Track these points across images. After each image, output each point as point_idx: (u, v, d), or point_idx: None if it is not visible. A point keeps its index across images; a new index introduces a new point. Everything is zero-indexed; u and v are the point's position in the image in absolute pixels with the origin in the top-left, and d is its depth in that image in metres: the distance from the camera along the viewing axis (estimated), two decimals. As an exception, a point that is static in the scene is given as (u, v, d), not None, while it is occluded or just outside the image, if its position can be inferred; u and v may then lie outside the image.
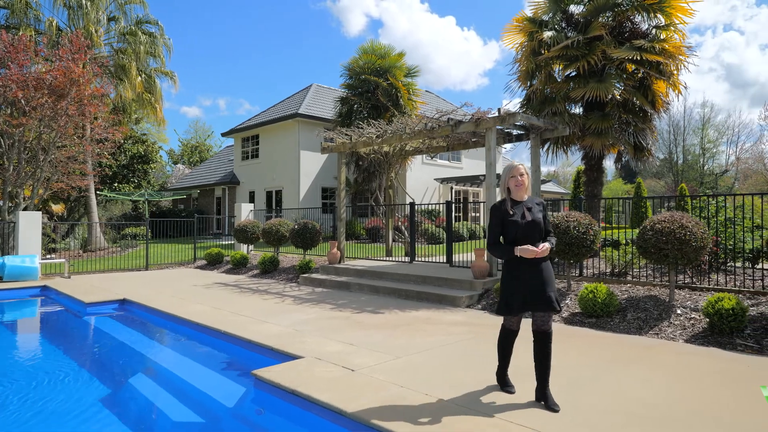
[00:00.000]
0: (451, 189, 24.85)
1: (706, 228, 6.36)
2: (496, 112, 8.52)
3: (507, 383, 3.87)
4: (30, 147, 13.64)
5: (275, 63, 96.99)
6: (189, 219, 18.08)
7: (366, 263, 11.08)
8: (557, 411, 3.44)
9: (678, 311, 6.11)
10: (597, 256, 9.16)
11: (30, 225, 11.55)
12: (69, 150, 14.56)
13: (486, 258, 8.42)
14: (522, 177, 3.65)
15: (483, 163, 24.32)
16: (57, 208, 22.41)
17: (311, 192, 22.51)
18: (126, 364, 5.74)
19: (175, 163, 47.70)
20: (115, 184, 28.62)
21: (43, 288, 10.24)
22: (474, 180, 24.25)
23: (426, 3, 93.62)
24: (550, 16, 10.91)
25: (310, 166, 22.50)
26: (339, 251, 11.15)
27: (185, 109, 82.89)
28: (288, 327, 6.19)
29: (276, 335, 5.72)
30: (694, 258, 6.23)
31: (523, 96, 11.34)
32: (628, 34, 10.36)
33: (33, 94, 12.52)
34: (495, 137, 8.60)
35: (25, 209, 13.38)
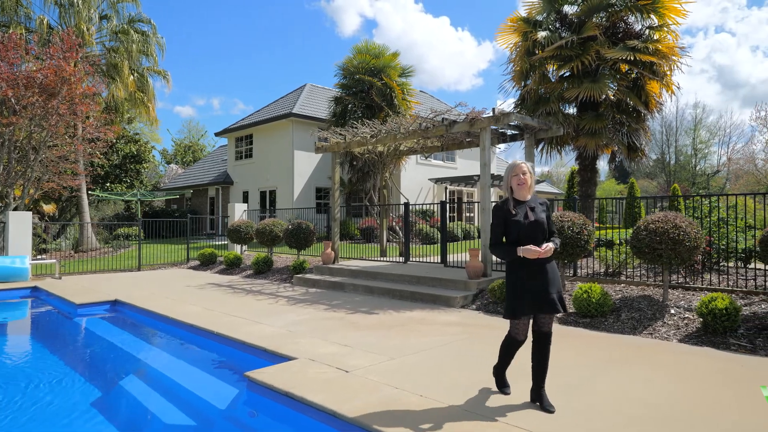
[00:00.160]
0: (446, 189, 24.86)
1: (699, 228, 6.38)
2: (490, 112, 8.51)
3: (504, 383, 3.83)
4: (20, 146, 13.49)
5: (269, 63, 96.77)
6: (182, 219, 17.97)
7: (360, 263, 11.05)
8: (552, 412, 3.42)
9: (672, 311, 6.13)
10: (591, 256, 9.18)
11: (20, 225, 11.41)
12: (60, 149, 14.42)
13: (480, 258, 8.41)
14: (525, 176, 3.53)
15: (477, 163, 24.36)
16: (48, 208, 22.20)
17: (305, 192, 22.44)
18: (117, 366, 5.67)
19: (168, 163, 47.41)
20: (108, 184, 28.41)
21: (34, 289, 10.12)
22: (468, 180, 24.27)
23: (420, 3, 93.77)
24: (544, 16, 10.92)
25: (304, 166, 22.42)
26: (333, 251, 11.11)
27: (179, 109, 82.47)
28: (282, 328, 6.14)
29: (269, 336, 5.68)
30: (687, 258, 6.25)
31: (518, 96, 11.35)
32: (621, 34, 10.38)
33: (23, 92, 12.38)
34: (489, 137, 8.60)
35: (16, 209, 13.23)
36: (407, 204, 11.19)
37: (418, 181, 23.72)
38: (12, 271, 10.54)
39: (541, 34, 10.35)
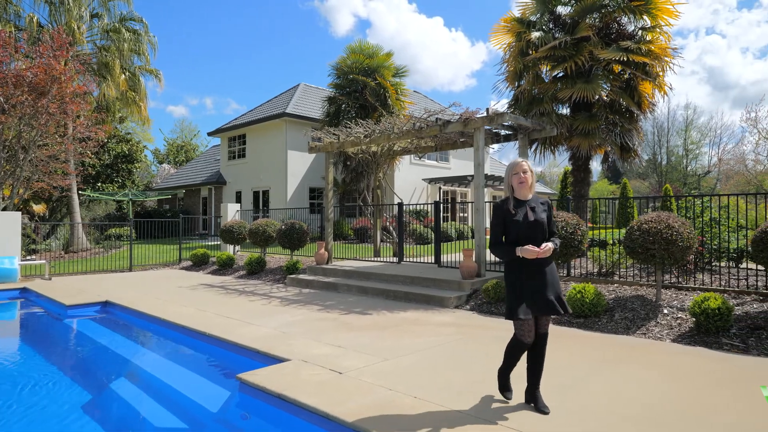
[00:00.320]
0: (440, 189, 24.87)
1: (692, 228, 6.40)
2: (484, 112, 8.50)
3: (507, 387, 3.68)
4: (9, 146, 13.32)
5: (263, 62, 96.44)
6: (174, 219, 17.83)
7: (354, 264, 11.01)
8: (547, 413, 3.40)
9: (665, 311, 6.14)
10: (584, 256, 9.20)
11: (9, 225, 11.26)
12: (50, 149, 14.26)
13: (474, 258, 8.40)
14: (525, 174, 3.49)
15: (471, 164, 24.40)
16: (38, 208, 21.97)
17: (299, 192, 22.36)
18: (107, 368, 5.59)
19: (161, 163, 47.10)
20: (99, 183, 28.16)
21: (23, 290, 9.99)
22: (462, 180, 24.29)
23: (414, 3, 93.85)
24: (537, 16, 10.94)
25: (297, 166, 22.34)
26: (327, 252, 11.06)
27: (171, 108, 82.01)
28: (275, 329, 6.09)
29: (262, 337, 5.63)
30: (680, 258, 6.26)
31: (511, 96, 11.37)
32: (614, 35, 10.43)
33: (12, 91, 12.22)
34: (483, 137, 8.59)
35: (5, 209, 13.07)
36: (401, 204, 11.16)
37: (411, 181, 23.70)
38: (1, 272, 10.39)
39: (535, 34, 10.37)
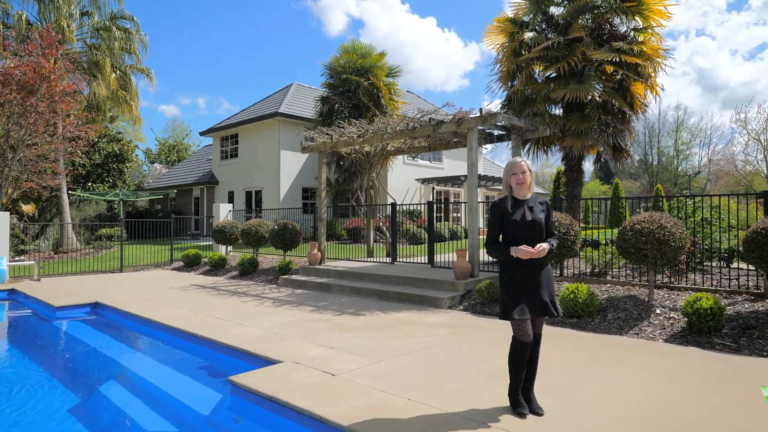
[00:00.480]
0: (433, 189, 24.88)
1: (684, 228, 6.43)
2: (477, 112, 8.50)
3: (519, 404, 3.43)
4: (-3, 145, 13.15)
5: (255, 62, 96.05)
6: (166, 219, 17.68)
7: (347, 264, 10.96)
8: (541, 415, 3.38)
9: (657, 311, 6.16)
10: (577, 256, 9.22)
11: (-3, 226, 11.09)
12: (39, 148, 14.08)
13: (468, 259, 8.39)
14: (524, 174, 3.45)
15: (464, 164, 24.41)
16: (27, 208, 21.71)
17: (291, 192, 22.27)
18: (97, 371, 5.52)
19: (152, 163, 46.77)
20: (89, 183, 27.88)
21: (11, 291, 9.85)
22: (455, 180, 24.31)
23: (407, 4, 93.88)
24: (530, 17, 10.96)
25: (290, 166, 22.25)
26: (319, 252, 11.01)
27: (163, 108, 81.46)
28: (267, 330, 6.04)
29: (254, 339, 5.58)
30: (672, 258, 6.29)
31: (504, 97, 11.38)
32: (607, 36, 10.46)
33: (0, 90, 12.05)
34: (476, 137, 8.58)
35: (-7, 209, 12.88)
36: (394, 204, 11.14)
37: (405, 182, 23.69)
38: (-12, 273, 10.25)
39: (528, 35, 10.39)
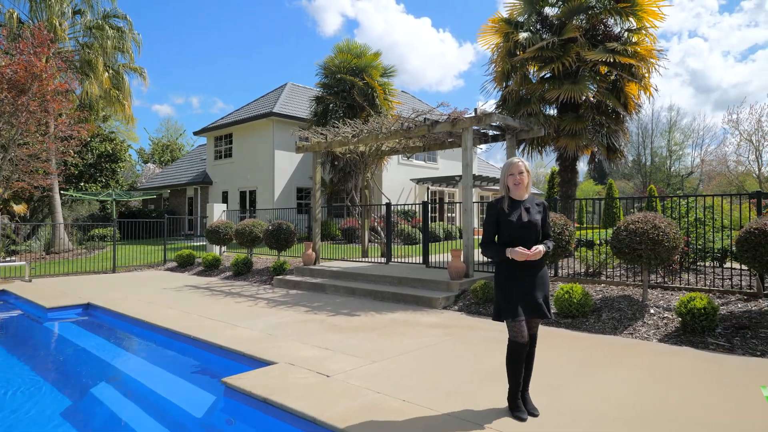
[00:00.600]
0: (428, 189, 24.88)
1: (677, 228, 6.45)
2: (472, 112, 8.49)
3: (518, 408, 3.39)
4: (-12, 144, 13.00)
5: (250, 61, 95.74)
6: (159, 219, 17.56)
7: (342, 264, 10.93)
8: (537, 416, 3.37)
9: (651, 311, 6.18)
10: (571, 256, 9.23)
11: (-12, 226, 10.98)
12: (31, 148, 13.93)
13: (462, 259, 8.38)
14: (521, 175, 3.44)
15: (459, 164, 24.42)
16: (19, 208, 21.51)
17: (286, 192, 22.20)
18: (89, 373, 5.46)
19: (146, 163, 46.48)
20: (82, 183, 27.66)
21: (2, 292, 9.74)
22: (450, 180, 24.33)
23: (402, 4, 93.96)
24: (525, 17, 10.97)
25: (284, 165, 22.17)
26: (314, 252, 10.97)
27: (157, 107, 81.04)
28: (261, 331, 6.00)
29: (248, 340, 5.54)
30: (666, 258, 6.31)
31: (499, 97, 11.38)
32: (601, 36, 10.49)
33: (-9, 88, 11.93)
34: (471, 138, 8.58)
35: (-17, 210, 12.74)
36: (389, 204, 11.12)
37: (399, 182, 23.67)
38: (-21, 274, 10.13)
39: (523, 35, 10.39)
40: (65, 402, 4.53)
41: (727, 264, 8.15)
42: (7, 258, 14.35)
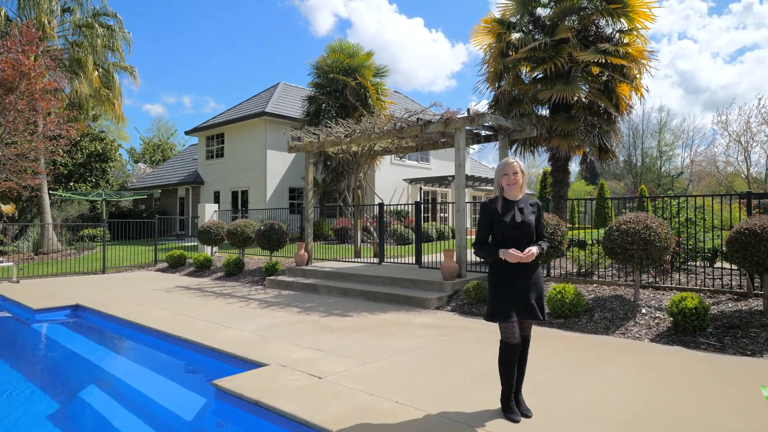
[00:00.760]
0: (420, 189, 24.88)
1: (669, 228, 6.48)
2: (465, 112, 8.49)
3: (511, 409, 3.37)
4: (-25, 143, 12.82)
5: (241, 61, 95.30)
6: (150, 220, 17.41)
7: (334, 265, 10.89)
8: (530, 417, 3.36)
9: (643, 311, 6.20)
10: (564, 256, 9.26)
11: (-26, 227, 10.82)
12: (19, 147, 13.77)
13: (455, 259, 8.37)
14: (515, 175, 3.41)
15: (452, 164, 24.47)
16: (7, 208, 21.20)
17: (278, 192, 22.10)
18: (77, 375, 5.38)
19: (136, 162, 46.11)
20: (71, 183, 27.36)
21: (-11, 294, 9.59)
22: (442, 180, 24.34)
23: (394, 4, 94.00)
24: (517, 18, 11.00)
25: (277, 165, 22.07)
26: (306, 253, 10.92)
27: (148, 107, 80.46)
28: (253, 333, 5.95)
29: (240, 342, 5.49)
30: (658, 258, 6.34)
31: (491, 97, 11.41)
32: (593, 37, 10.54)
33: (-22, 87, 11.77)
34: (464, 138, 8.57)
35: (-30, 210, 12.56)
36: (381, 204, 11.09)
37: (392, 182, 23.65)
38: (-35, 275, 9.98)
39: (515, 35, 10.41)
40: (52, 405, 4.46)
41: (718, 264, 8.21)
42: (-5, 259, 14.15)
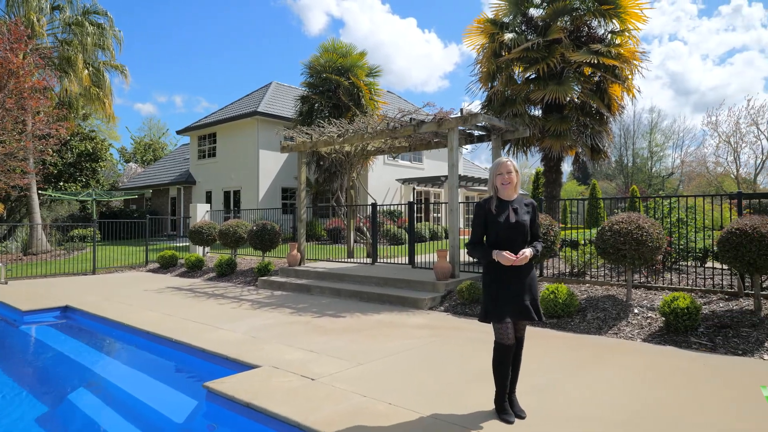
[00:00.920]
0: (413, 190, 24.88)
1: (661, 228, 6.51)
2: (458, 112, 8.48)
3: (505, 410, 3.35)
4: (-38, 143, 12.65)
5: (234, 60, 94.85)
6: (141, 220, 17.25)
7: (327, 265, 10.85)
8: (524, 418, 3.35)
9: (635, 310, 6.22)
10: (556, 256, 9.28)
11: (-39, 227, 10.66)
12: (7, 146, 13.58)
13: (448, 259, 8.36)
14: (510, 175, 3.39)
15: (445, 164, 24.47)
16: (-5, 208, 20.95)
17: (271, 192, 22.00)
18: (66, 378, 5.31)
19: (127, 162, 45.72)
20: (61, 183, 27.08)
21: (-24, 295, 9.44)
22: (435, 181, 24.36)
23: (387, 4, 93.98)
24: (510, 18, 11.02)
25: (269, 165, 21.98)
26: (299, 253, 10.87)
27: (139, 106, 79.83)
28: (245, 334, 5.90)
29: (232, 343, 5.44)
30: (650, 258, 6.36)
31: (484, 98, 11.42)
32: (585, 38, 10.58)
33: (-35, 85, 11.61)
34: (457, 138, 8.57)
35: (-43, 210, 12.38)
36: (374, 204, 11.06)
37: (385, 182, 23.64)
38: (-49, 277, 9.82)
39: (508, 36, 10.43)
40: (41, 408, 4.39)
41: (709, 264, 8.27)
42: (-17, 259, 13.96)
